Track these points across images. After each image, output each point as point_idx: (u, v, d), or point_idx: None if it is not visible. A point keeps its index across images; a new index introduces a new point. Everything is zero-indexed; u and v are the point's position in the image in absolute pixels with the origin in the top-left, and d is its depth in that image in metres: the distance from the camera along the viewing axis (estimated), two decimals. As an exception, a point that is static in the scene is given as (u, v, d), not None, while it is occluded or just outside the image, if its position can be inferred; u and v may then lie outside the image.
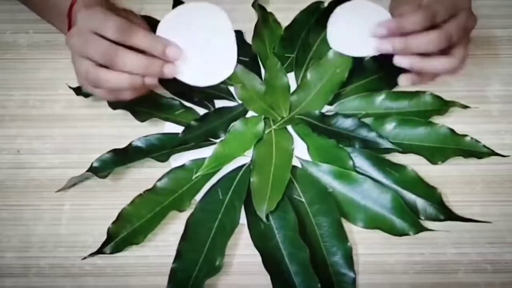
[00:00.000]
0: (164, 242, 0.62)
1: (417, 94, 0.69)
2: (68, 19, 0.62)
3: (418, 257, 0.61)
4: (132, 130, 0.68)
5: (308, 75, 0.70)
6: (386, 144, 0.64)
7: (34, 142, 0.69)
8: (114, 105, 0.68)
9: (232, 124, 0.67)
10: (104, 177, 0.63)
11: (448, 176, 0.66)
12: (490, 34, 0.77)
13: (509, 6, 0.79)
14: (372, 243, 0.62)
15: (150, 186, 0.63)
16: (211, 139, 0.67)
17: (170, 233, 0.63)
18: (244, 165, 0.65)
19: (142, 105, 0.68)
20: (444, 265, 0.61)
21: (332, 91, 0.69)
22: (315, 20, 0.72)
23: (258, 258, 0.59)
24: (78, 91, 0.70)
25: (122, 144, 0.66)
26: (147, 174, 0.66)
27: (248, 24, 0.75)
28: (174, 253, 0.60)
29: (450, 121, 0.68)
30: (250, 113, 0.69)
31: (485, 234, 0.62)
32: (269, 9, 0.76)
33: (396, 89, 0.70)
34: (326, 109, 0.69)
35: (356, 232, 0.62)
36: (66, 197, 0.65)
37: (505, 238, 0.62)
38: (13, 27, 0.77)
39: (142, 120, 0.67)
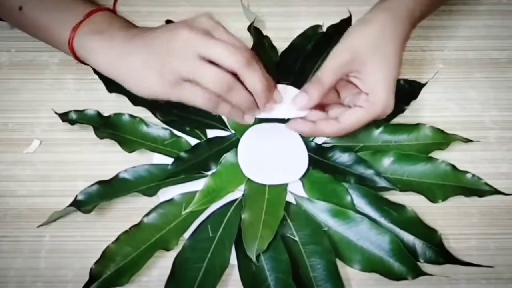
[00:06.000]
0: (149, 277, 0.59)
1: (416, 126, 0.67)
2: (71, 51, 0.62)
3: (413, 293, 0.59)
4: (117, 156, 0.65)
5: None
6: (383, 183, 0.62)
7: (13, 168, 0.66)
8: (101, 134, 0.65)
9: (224, 156, 0.64)
10: (88, 211, 0.60)
11: (443, 207, 0.63)
12: (487, 56, 0.76)
13: (505, 27, 0.78)
14: (365, 279, 0.60)
15: (135, 218, 0.60)
16: (202, 172, 0.64)
17: (156, 267, 0.60)
18: (235, 200, 0.62)
19: (130, 134, 0.65)
20: (439, 301, 0.59)
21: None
22: (312, 45, 0.70)
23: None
24: (63, 117, 0.66)
25: (106, 171, 0.63)
26: (132, 205, 0.63)
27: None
28: (159, 288, 0.57)
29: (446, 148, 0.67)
30: (243, 144, 0.66)
31: (481, 270, 0.60)
32: (265, 32, 0.73)
33: (394, 121, 0.68)
34: (323, 140, 0.67)
35: (348, 268, 0.60)
36: (46, 228, 0.62)
37: (502, 273, 0.60)
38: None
39: (130, 151, 0.64)
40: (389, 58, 0.58)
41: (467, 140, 0.67)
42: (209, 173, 0.63)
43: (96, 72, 0.68)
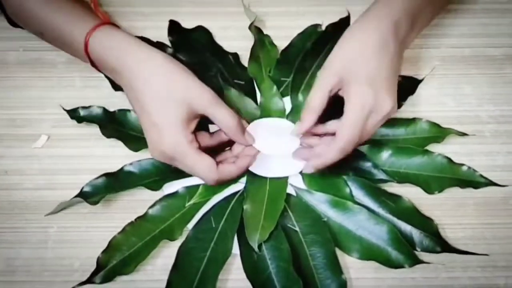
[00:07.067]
0: (153, 266, 0.61)
1: (413, 121, 0.68)
2: (87, 56, 0.61)
3: (410, 282, 0.61)
4: (122, 151, 0.66)
5: (300, 97, 0.69)
6: (381, 175, 0.64)
7: (20, 162, 0.67)
8: (108, 132, 0.66)
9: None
10: (95, 203, 0.61)
11: (440, 198, 0.65)
12: (483, 53, 0.77)
13: (501, 24, 0.79)
14: (363, 267, 0.61)
15: (140, 210, 0.62)
16: (205, 165, 0.65)
17: (160, 257, 0.61)
18: (238, 192, 0.64)
19: (135, 130, 0.67)
20: (435, 289, 0.61)
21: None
22: (311, 44, 0.71)
23: (251, 290, 0.58)
24: (72, 113, 0.68)
25: (111, 165, 0.65)
26: (138, 197, 0.64)
27: (243, 42, 0.74)
28: (162, 277, 0.58)
29: (442, 141, 0.68)
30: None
31: (477, 258, 0.61)
32: (265, 31, 0.75)
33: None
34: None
35: (347, 257, 0.61)
36: (53, 219, 0.63)
37: (497, 262, 0.62)
38: (3, 44, 0.75)
39: (135, 150, 0.66)
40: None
41: (462, 134, 0.68)
42: (212, 166, 0.65)
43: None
